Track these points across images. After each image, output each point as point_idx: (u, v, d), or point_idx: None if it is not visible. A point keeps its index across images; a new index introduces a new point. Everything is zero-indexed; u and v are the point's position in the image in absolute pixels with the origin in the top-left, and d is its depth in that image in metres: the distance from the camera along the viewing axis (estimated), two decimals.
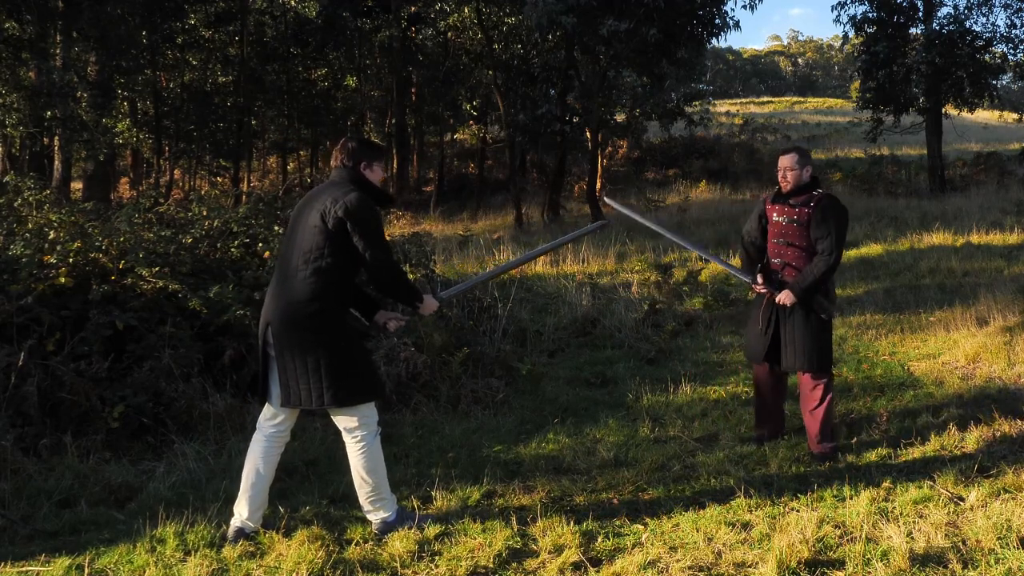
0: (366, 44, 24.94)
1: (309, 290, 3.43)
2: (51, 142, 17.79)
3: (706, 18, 17.20)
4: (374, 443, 3.58)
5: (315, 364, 3.41)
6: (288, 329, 3.44)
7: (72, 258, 5.18)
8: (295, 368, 3.43)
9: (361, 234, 3.44)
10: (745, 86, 77.20)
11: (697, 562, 3.29)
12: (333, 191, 3.51)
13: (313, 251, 3.45)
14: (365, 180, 3.60)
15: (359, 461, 3.56)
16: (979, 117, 29.55)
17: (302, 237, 3.50)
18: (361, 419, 3.55)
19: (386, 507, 3.62)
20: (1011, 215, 14.09)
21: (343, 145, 3.66)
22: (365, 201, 3.48)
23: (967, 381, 5.83)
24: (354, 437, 3.56)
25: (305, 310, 3.42)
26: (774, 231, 4.58)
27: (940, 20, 20.12)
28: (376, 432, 3.60)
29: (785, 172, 4.52)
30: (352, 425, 3.55)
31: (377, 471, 3.59)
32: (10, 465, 4.08)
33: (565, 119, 18.99)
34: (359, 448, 3.55)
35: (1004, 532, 3.37)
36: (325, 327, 3.44)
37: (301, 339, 3.42)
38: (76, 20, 15.88)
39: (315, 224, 3.45)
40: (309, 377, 3.42)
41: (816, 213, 4.41)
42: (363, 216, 3.44)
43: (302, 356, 3.42)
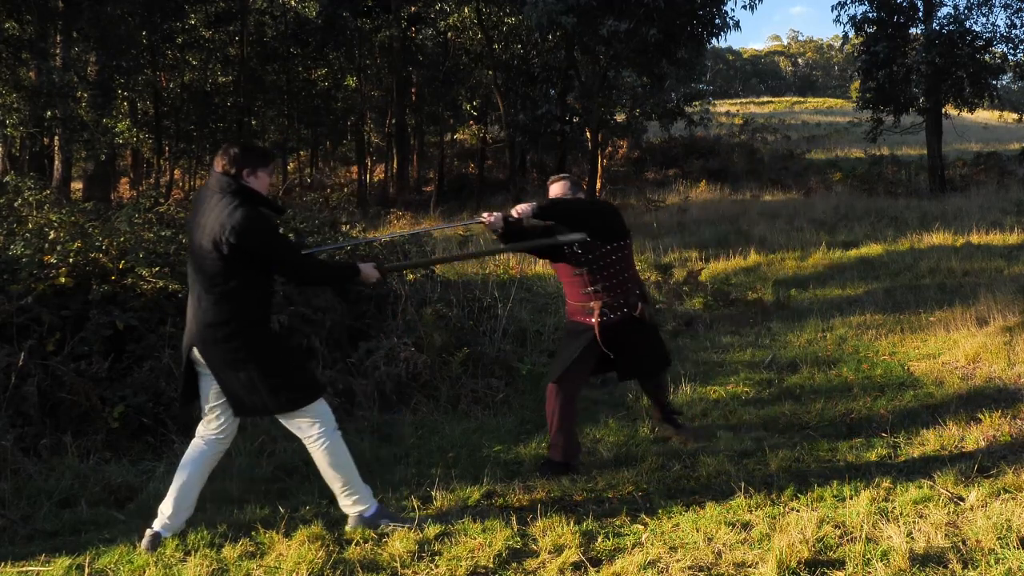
0: (366, 44, 24.95)
1: (221, 313, 3.37)
2: (51, 142, 17.79)
3: (706, 18, 17.21)
4: (334, 438, 3.55)
5: (248, 378, 3.39)
6: (212, 351, 3.40)
7: (72, 258, 5.18)
8: (236, 381, 3.40)
9: (262, 253, 3.37)
10: (745, 86, 77.21)
11: (697, 562, 3.28)
12: (218, 211, 3.34)
13: (216, 277, 3.36)
14: (249, 190, 3.44)
15: (323, 459, 3.55)
16: (979, 117, 29.56)
17: (201, 260, 3.40)
18: (314, 418, 3.52)
19: (362, 500, 3.61)
20: (1011, 215, 14.08)
21: (225, 151, 3.49)
22: (253, 218, 3.33)
23: (967, 381, 5.83)
24: (310, 437, 3.54)
25: (221, 332, 3.37)
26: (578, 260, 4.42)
27: (940, 20, 20.13)
28: (334, 428, 3.57)
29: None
30: (306, 425, 3.53)
31: (344, 466, 3.57)
32: (10, 465, 4.08)
33: (565, 119, 19.01)
34: (320, 446, 3.54)
35: (1004, 532, 3.37)
36: (245, 345, 3.39)
37: (226, 358, 3.39)
38: (76, 20, 15.88)
39: (209, 251, 3.34)
40: (257, 387, 3.40)
41: None
42: (256, 236, 3.33)
43: (235, 372, 3.39)
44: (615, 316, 4.35)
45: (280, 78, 24.66)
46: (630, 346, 4.44)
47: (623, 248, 4.41)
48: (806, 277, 10.33)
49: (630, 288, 4.41)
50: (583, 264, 4.37)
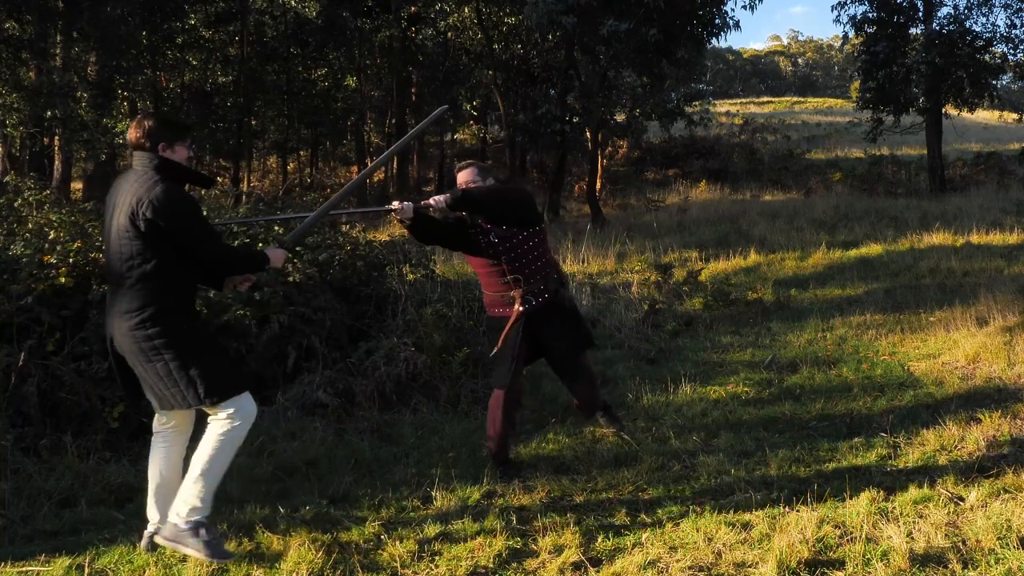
0: (366, 44, 24.93)
1: (138, 297, 3.21)
2: (51, 142, 17.79)
3: (706, 18, 17.19)
4: (234, 442, 3.33)
5: (165, 368, 3.21)
6: (128, 340, 3.23)
7: (72, 258, 5.19)
8: (156, 374, 3.24)
9: (179, 230, 3.19)
10: (745, 86, 77.20)
11: (697, 562, 3.28)
12: (137, 187, 3.21)
13: (134, 257, 3.20)
14: (171, 164, 3.29)
15: (209, 449, 3.30)
16: (979, 117, 29.57)
17: (118, 241, 3.24)
18: (236, 415, 3.32)
19: (195, 513, 3.29)
20: (1011, 215, 14.09)
21: (139, 122, 3.32)
22: (173, 193, 3.19)
23: (967, 381, 5.83)
24: (218, 424, 3.32)
25: (139, 316, 3.20)
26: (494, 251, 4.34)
27: (940, 20, 20.14)
28: (246, 429, 3.36)
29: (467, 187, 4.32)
30: (225, 417, 3.32)
31: (217, 474, 3.33)
32: (10, 465, 4.08)
33: (565, 119, 18.98)
34: (219, 435, 3.30)
35: (1004, 532, 3.37)
36: (161, 334, 3.20)
37: (144, 347, 3.21)
38: (76, 20, 15.88)
39: (126, 228, 3.19)
40: (175, 379, 3.22)
41: None
42: (175, 210, 3.16)
43: (155, 362, 3.22)
44: (537, 302, 4.34)
45: (280, 78, 24.65)
46: (554, 332, 4.42)
47: (538, 234, 4.38)
48: (806, 277, 10.33)
49: (548, 273, 4.40)
50: (500, 253, 4.31)
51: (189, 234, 3.22)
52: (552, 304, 4.38)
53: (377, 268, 7.01)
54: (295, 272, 5.92)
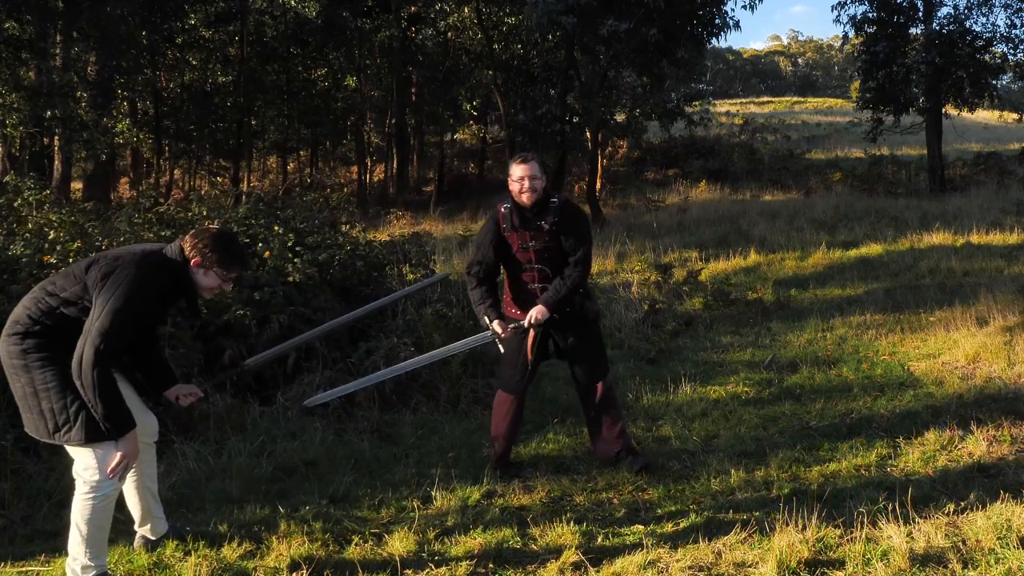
0: (366, 44, 24.94)
1: (31, 309, 3.04)
2: (51, 142, 17.79)
3: (706, 18, 17.20)
4: (105, 500, 3.06)
5: (22, 391, 3.01)
6: (4, 350, 3.06)
7: (72, 258, 5.19)
8: (17, 393, 3.05)
9: (100, 304, 2.94)
10: (745, 86, 77.21)
11: (697, 562, 3.29)
12: (124, 251, 3.14)
13: (58, 284, 3.07)
14: (184, 270, 3.14)
15: (79, 511, 3.04)
16: (979, 117, 29.56)
17: (65, 275, 3.12)
18: (97, 466, 3.02)
19: (88, 571, 3.09)
20: (1011, 215, 14.09)
21: (200, 231, 3.20)
22: (143, 283, 2.99)
23: (967, 381, 5.83)
24: (83, 481, 3.05)
25: (16, 328, 3.03)
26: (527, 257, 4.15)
27: (940, 20, 20.13)
28: (112, 488, 3.07)
29: (533, 183, 4.03)
30: (84, 467, 3.04)
31: (95, 533, 3.07)
32: (10, 465, 4.07)
33: (565, 119, 18.99)
34: (85, 496, 3.03)
35: (1004, 532, 3.37)
36: (31, 350, 2.99)
37: (10, 363, 3.03)
38: (76, 20, 15.89)
39: (80, 270, 3.07)
40: (29, 405, 3.01)
41: (564, 220, 4.09)
42: (119, 293, 2.94)
43: (14, 381, 3.03)
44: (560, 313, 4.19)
45: (280, 78, 24.66)
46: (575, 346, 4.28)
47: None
48: (806, 277, 10.33)
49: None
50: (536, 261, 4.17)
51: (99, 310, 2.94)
52: (575, 317, 4.24)
53: (377, 268, 7.01)
54: (295, 272, 5.92)
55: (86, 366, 2.89)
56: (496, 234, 4.16)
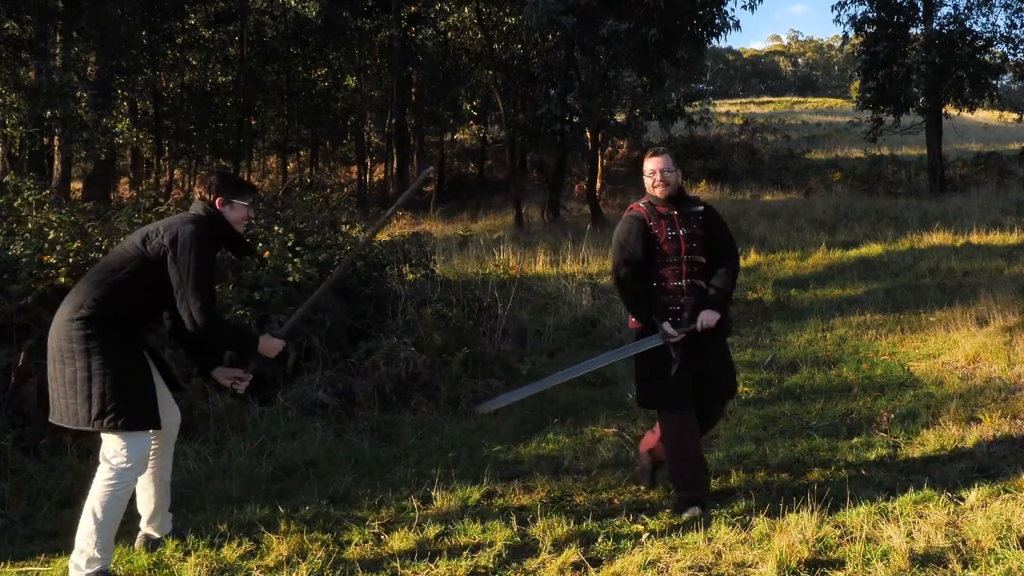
0: (366, 44, 24.94)
1: (87, 295, 3.12)
2: (51, 142, 17.79)
3: (706, 18, 17.20)
4: (126, 487, 3.15)
5: (73, 376, 3.07)
6: (57, 335, 3.13)
7: (72, 258, 5.19)
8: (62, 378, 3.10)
9: (180, 268, 3.12)
10: (745, 86, 77.18)
11: (697, 562, 3.28)
12: (172, 218, 3.30)
13: (114, 262, 3.18)
14: (217, 216, 3.34)
15: (98, 495, 3.11)
16: (979, 117, 29.54)
17: (114, 252, 3.27)
18: (127, 452, 3.12)
19: (93, 564, 3.11)
20: (1011, 215, 14.09)
21: (205, 178, 3.45)
22: (200, 238, 3.18)
23: (967, 381, 5.83)
24: (109, 467, 3.13)
25: (76, 315, 3.10)
26: (674, 248, 3.87)
27: (940, 20, 20.14)
28: (137, 474, 3.18)
29: (666, 176, 3.89)
30: (114, 453, 3.13)
31: (108, 523, 3.13)
32: (10, 465, 4.07)
33: (565, 119, 18.98)
34: (107, 481, 3.12)
35: (1004, 532, 3.37)
36: (92, 336, 3.07)
37: (64, 347, 3.09)
38: (76, 20, 15.88)
39: (134, 244, 3.20)
40: (76, 390, 3.07)
41: (708, 214, 3.95)
42: (191, 253, 3.13)
43: (67, 365, 3.09)
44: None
45: (280, 78, 24.66)
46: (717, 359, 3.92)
47: None
48: (806, 277, 10.33)
49: None
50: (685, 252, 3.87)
51: (184, 272, 3.12)
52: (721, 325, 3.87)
53: (377, 268, 7.01)
54: (295, 272, 5.92)
55: (202, 320, 3.14)
56: (642, 229, 3.88)
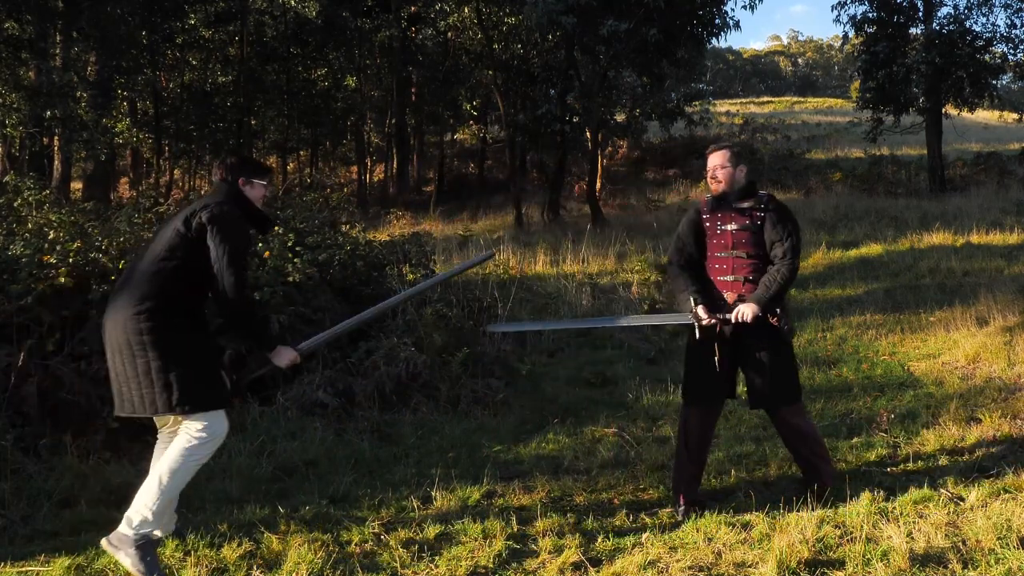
0: (366, 44, 24.93)
1: (148, 289, 3.22)
2: (51, 142, 17.78)
3: (706, 18, 17.20)
4: (199, 458, 3.27)
5: (147, 367, 3.18)
6: (122, 330, 3.22)
7: (72, 258, 5.18)
8: (134, 371, 3.20)
9: (218, 243, 3.25)
10: (745, 86, 77.17)
11: (697, 562, 3.28)
12: (205, 199, 3.41)
13: (164, 251, 3.28)
14: (242, 196, 3.48)
15: (171, 461, 3.24)
16: (979, 117, 29.52)
17: (158, 242, 3.35)
18: (208, 429, 3.26)
19: (144, 527, 3.23)
20: (1011, 215, 14.09)
21: (223, 160, 3.55)
22: (235, 217, 3.34)
23: (967, 381, 5.83)
24: (187, 436, 3.25)
25: (140, 308, 3.19)
26: (722, 243, 3.93)
27: (940, 20, 20.11)
28: (214, 447, 3.31)
29: (716, 172, 3.96)
30: (198, 429, 3.26)
31: (176, 484, 3.26)
32: (10, 465, 4.07)
33: (565, 119, 18.98)
34: (184, 448, 3.23)
35: (1004, 532, 3.37)
36: (159, 327, 3.19)
37: (133, 340, 3.19)
38: (76, 20, 15.87)
39: (176, 228, 3.31)
40: (152, 379, 3.18)
41: (772, 214, 3.88)
42: (227, 229, 3.27)
43: (137, 358, 3.19)
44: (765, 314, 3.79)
45: (280, 78, 24.64)
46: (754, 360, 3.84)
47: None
48: (806, 277, 10.33)
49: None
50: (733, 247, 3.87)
51: (222, 249, 3.23)
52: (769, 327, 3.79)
53: (377, 268, 7.01)
54: (295, 272, 5.92)
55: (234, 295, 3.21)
56: (695, 221, 4.00)
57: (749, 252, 3.87)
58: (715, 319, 3.79)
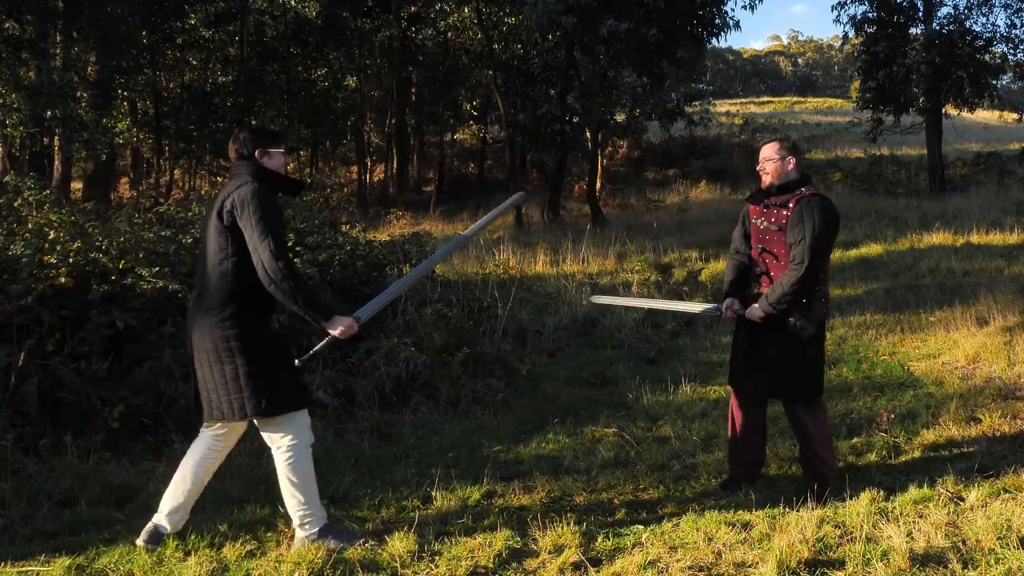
0: (366, 44, 24.94)
1: (220, 295, 3.29)
2: (51, 142, 17.78)
3: (706, 18, 17.20)
4: (304, 456, 3.44)
5: (234, 373, 3.27)
6: (205, 337, 3.31)
7: (72, 258, 5.18)
8: (221, 377, 3.30)
9: (248, 224, 3.25)
10: (745, 86, 77.16)
11: (697, 562, 3.28)
12: (229, 187, 3.41)
13: (218, 253, 3.32)
14: (263, 170, 3.45)
15: (286, 473, 3.42)
16: (979, 117, 29.53)
17: (208, 240, 3.39)
18: (289, 430, 3.40)
19: (314, 523, 3.47)
20: (1011, 215, 14.09)
21: (235, 136, 3.52)
22: (258, 191, 3.31)
23: (967, 381, 5.83)
24: (279, 448, 3.42)
25: (219, 315, 3.28)
26: (755, 237, 4.00)
27: (940, 20, 20.11)
28: (306, 444, 3.46)
29: (764, 164, 4.01)
30: (278, 436, 3.41)
31: (305, 485, 3.45)
32: (10, 465, 4.07)
33: (565, 119, 18.99)
34: (286, 460, 3.41)
35: (1004, 532, 3.37)
36: (241, 334, 3.28)
37: (219, 347, 3.28)
38: (76, 20, 15.87)
39: (215, 224, 3.34)
40: (239, 386, 3.27)
41: (794, 215, 3.83)
42: (252, 205, 3.26)
43: (224, 364, 3.28)
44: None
45: (280, 78, 24.64)
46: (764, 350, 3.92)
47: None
48: None
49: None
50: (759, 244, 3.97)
51: (254, 228, 3.24)
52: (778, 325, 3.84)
53: (377, 268, 7.02)
54: None
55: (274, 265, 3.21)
56: (744, 213, 4.16)
57: (772, 249, 3.91)
58: (732, 314, 4.00)
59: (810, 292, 3.82)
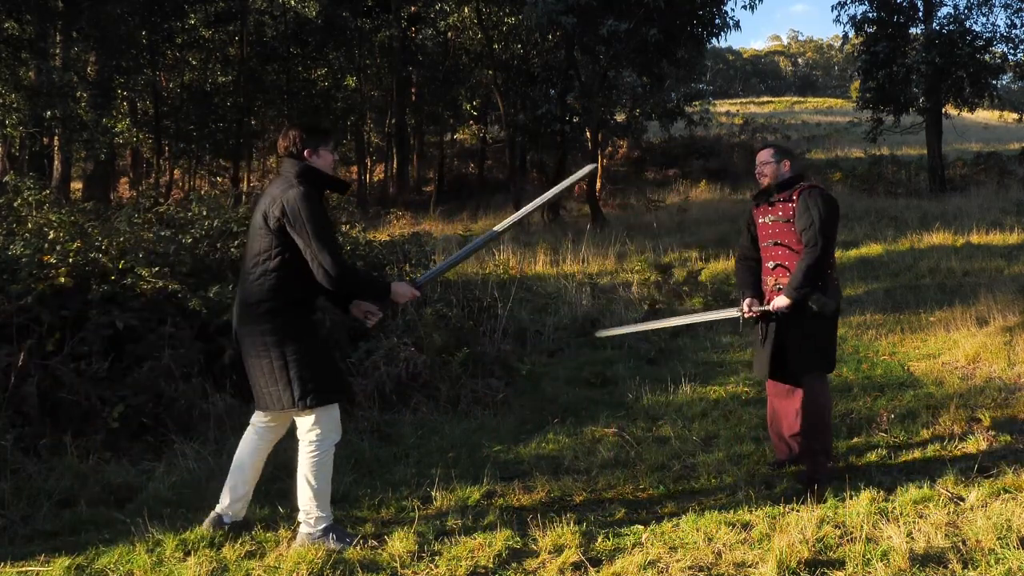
0: (366, 44, 24.92)
1: (259, 291, 3.41)
2: (51, 142, 17.77)
3: (706, 18, 17.20)
4: (327, 453, 3.49)
5: (270, 366, 3.39)
6: (246, 332, 3.45)
7: (72, 258, 5.18)
8: (260, 371, 3.42)
9: (299, 232, 3.35)
10: (745, 86, 77.15)
11: (697, 562, 3.28)
12: (275, 189, 3.46)
13: (261, 253, 3.42)
14: (311, 170, 3.50)
15: (307, 466, 3.48)
16: (979, 117, 29.53)
17: (252, 239, 3.49)
18: (319, 425, 3.46)
19: (319, 522, 3.50)
20: (1011, 215, 14.09)
21: (285, 133, 3.58)
22: (305, 197, 3.37)
23: (967, 381, 5.83)
24: (306, 442, 3.48)
25: (257, 311, 3.40)
26: (763, 234, 4.31)
27: (940, 20, 20.11)
28: (332, 442, 3.52)
29: (762, 168, 4.35)
30: (308, 428, 3.47)
31: (322, 484, 3.49)
32: (10, 465, 4.07)
33: (565, 119, 18.98)
34: (310, 453, 3.46)
35: (1004, 532, 3.37)
36: (278, 328, 3.39)
37: (256, 341, 3.41)
38: (76, 20, 15.86)
39: (260, 226, 3.43)
40: (276, 378, 3.39)
41: (799, 205, 4.13)
42: (301, 214, 3.34)
43: (262, 358, 3.41)
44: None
45: (280, 78, 24.62)
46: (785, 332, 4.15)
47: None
48: None
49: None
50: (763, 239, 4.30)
51: (305, 236, 3.34)
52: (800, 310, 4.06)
53: (377, 268, 7.01)
54: None
55: (336, 271, 3.35)
56: (749, 214, 4.45)
57: (784, 241, 4.19)
58: (755, 312, 4.22)
59: (824, 276, 4.09)
